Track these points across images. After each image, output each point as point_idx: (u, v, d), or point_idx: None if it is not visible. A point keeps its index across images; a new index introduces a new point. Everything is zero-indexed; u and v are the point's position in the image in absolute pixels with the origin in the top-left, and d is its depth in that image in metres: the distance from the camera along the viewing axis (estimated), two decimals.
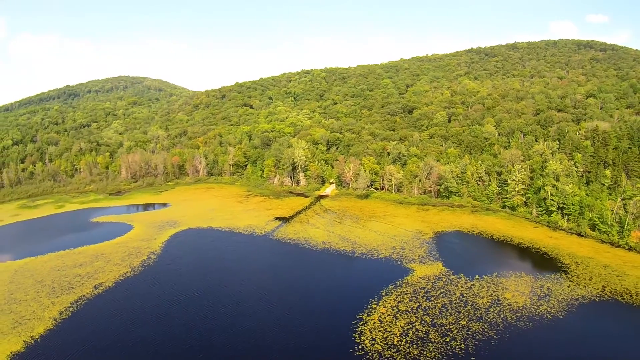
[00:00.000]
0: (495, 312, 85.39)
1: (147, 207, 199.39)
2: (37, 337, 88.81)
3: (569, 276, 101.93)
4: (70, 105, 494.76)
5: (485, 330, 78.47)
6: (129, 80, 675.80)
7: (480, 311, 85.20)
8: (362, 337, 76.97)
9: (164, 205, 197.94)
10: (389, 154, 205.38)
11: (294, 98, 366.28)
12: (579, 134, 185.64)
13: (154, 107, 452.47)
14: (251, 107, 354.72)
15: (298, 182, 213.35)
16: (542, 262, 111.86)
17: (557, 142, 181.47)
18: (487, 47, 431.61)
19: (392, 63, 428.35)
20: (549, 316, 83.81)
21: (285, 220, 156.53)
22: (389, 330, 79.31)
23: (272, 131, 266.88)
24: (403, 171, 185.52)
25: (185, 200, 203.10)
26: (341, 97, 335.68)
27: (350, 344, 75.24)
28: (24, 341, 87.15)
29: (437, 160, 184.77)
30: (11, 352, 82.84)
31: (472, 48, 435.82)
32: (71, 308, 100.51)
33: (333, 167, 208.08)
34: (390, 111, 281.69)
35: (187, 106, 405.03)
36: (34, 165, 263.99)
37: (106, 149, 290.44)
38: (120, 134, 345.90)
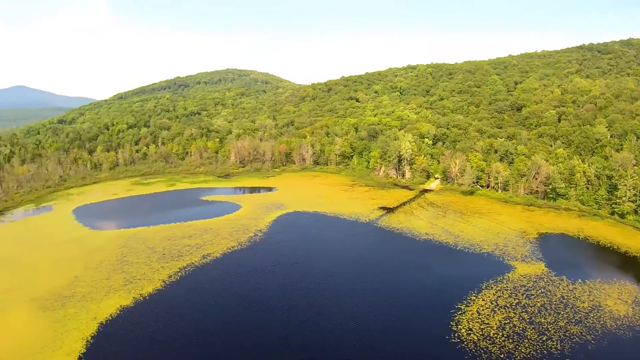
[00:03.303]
0: (595, 317, 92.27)
1: (254, 190, 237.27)
2: (146, 295, 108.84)
3: None
4: (181, 95, 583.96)
5: (583, 334, 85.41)
6: (236, 72, 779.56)
7: (580, 315, 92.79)
8: (459, 326, 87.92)
9: (271, 189, 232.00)
10: (496, 151, 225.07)
11: (400, 93, 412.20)
12: None
13: (261, 98, 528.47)
14: (357, 100, 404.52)
15: (403, 175, 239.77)
16: None
17: None
18: (599, 44, 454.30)
19: (500, 59, 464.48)
20: None
21: (389, 210, 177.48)
22: (486, 322, 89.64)
23: (378, 124, 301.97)
24: (510, 169, 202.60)
25: (292, 186, 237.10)
26: (448, 93, 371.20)
27: (447, 331, 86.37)
28: (133, 297, 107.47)
29: (546, 160, 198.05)
30: (121, 306, 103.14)
31: (583, 44, 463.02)
32: (179, 273, 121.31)
33: (439, 162, 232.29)
34: (498, 108, 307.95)
35: (294, 98, 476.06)
36: (148, 147, 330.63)
37: (216, 135, 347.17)
38: (229, 122, 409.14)
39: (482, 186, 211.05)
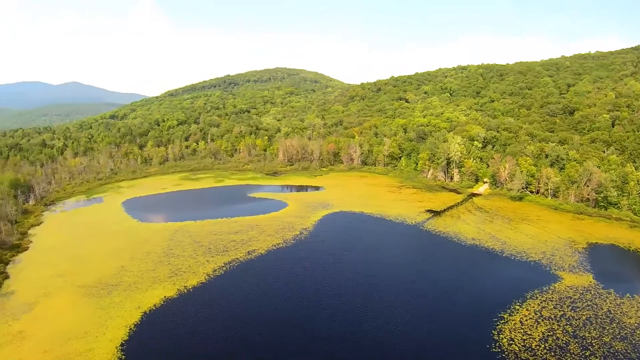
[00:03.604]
0: None
1: (301, 188, 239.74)
2: (190, 287, 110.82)
3: None
4: (230, 93, 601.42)
5: (629, 351, 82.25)
6: (285, 71, 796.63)
7: (626, 331, 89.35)
8: (501, 336, 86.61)
9: (318, 188, 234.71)
10: (546, 156, 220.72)
11: (450, 94, 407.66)
12: None
13: (310, 97, 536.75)
14: (406, 101, 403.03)
15: (451, 178, 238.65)
16: None
17: None
18: None
19: (552, 60, 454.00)
20: None
21: (436, 213, 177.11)
22: (529, 333, 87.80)
23: (427, 125, 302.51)
24: (560, 175, 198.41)
25: (339, 186, 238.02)
26: (498, 94, 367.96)
27: (488, 340, 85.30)
28: (178, 289, 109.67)
29: (598, 167, 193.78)
30: (165, 297, 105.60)
31: (639, 46, 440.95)
32: (224, 267, 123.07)
33: (488, 166, 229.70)
34: (549, 111, 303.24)
35: (342, 97, 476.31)
36: (197, 144, 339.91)
37: (265, 133, 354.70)
38: (278, 120, 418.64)
39: (531, 192, 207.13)
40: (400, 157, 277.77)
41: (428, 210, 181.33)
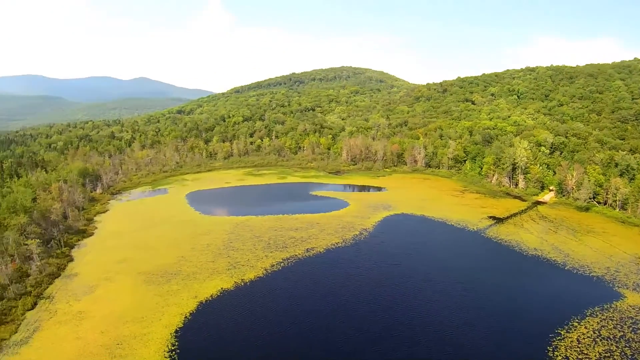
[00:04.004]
0: None
1: (363, 188, 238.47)
2: (247, 280, 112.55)
3: None
4: (296, 91, 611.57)
5: None
6: (351, 70, 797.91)
7: None
8: (556, 353, 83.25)
9: (380, 189, 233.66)
10: (616, 165, 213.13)
11: (517, 96, 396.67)
12: None
13: (375, 97, 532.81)
14: (473, 102, 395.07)
15: (516, 184, 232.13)
16: None
17: None
18: None
19: (624, 63, 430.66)
20: None
21: (498, 220, 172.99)
22: (585, 353, 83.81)
23: (493, 128, 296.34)
24: (630, 186, 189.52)
25: (401, 187, 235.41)
26: (568, 98, 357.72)
27: (543, 356, 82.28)
28: (235, 282, 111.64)
29: None
30: (222, 288, 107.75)
31: None
32: (282, 263, 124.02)
33: (555, 173, 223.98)
34: (621, 117, 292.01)
35: (408, 98, 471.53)
36: (262, 140, 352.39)
37: (329, 132, 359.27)
38: (342, 119, 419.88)
39: (598, 202, 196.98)
40: (464, 161, 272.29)
41: (491, 217, 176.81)
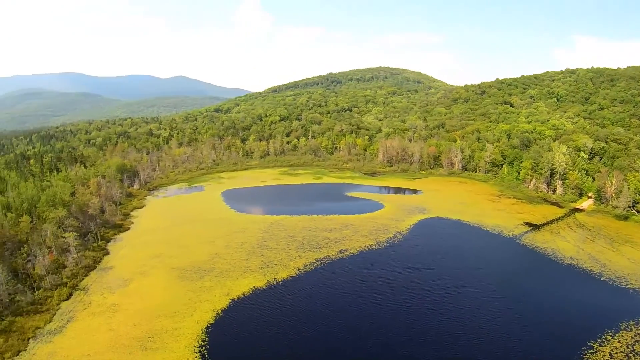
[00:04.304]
0: None
1: (399, 190, 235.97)
2: (280, 280, 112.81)
3: None
4: (333, 91, 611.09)
5: None
6: (388, 71, 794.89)
7: None
8: None
9: (415, 191, 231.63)
10: None
11: (557, 99, 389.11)
12: None
13: (412, 98, 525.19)
14: (511, 105, 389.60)
15: (554, 190, 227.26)
16: None
17: None
18: None
19: None
20: None
21: (535, 227, 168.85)
22: None
23: (532, 132, 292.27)
24: None
25: (437, 190, 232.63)
26: (608, 101, 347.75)
27: None
28: (267, 280, 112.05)
29: None
30: (254, 286, 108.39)
31: None
32: (315, 264, 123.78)
33: (594, 179, 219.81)
34: None
35: (445, 99, 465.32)
36: (298, 140, 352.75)
37: (365, 133, 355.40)
38: (379, 120, 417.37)
39: (638, 211, 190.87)
40: (502, 165, 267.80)
41: (527, 223, 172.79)
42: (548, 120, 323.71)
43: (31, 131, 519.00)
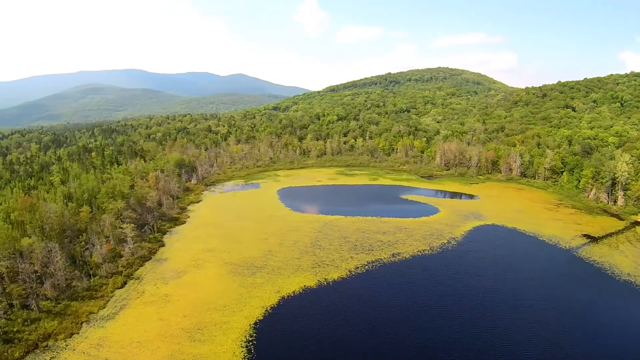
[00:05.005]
0: None
1: (455, 195, 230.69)
2: (330, 280, 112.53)
3: None
4: (391, 91, 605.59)
5: None
6: (447, 71, 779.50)
7: None
8: None
9: (472, 197, 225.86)
10: None
11: (621, 104, 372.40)
12: None
13: (471, 100, 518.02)
14: (573, 109, 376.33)
15: (615, 201, 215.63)
16: None
17: None
18: None
19: None
20: None
21: (593, 239, 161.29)
22: None
23: (594, 139, 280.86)
24: None
25: (494, 197, 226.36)
26: None
27: None
28: (318, 280, 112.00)
29: None
30: (304, 285, 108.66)
31: None
32: (367, 266, 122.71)
33: None
34: None
35: (505, 102, 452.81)
36: (355, 140, 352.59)
37: (423, 135, 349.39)
38: (437, 122, 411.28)
39: None
40: (561, 172, 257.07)
41: (584, 235, 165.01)
42: (611, 127, 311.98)
43: (93, 125, 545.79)
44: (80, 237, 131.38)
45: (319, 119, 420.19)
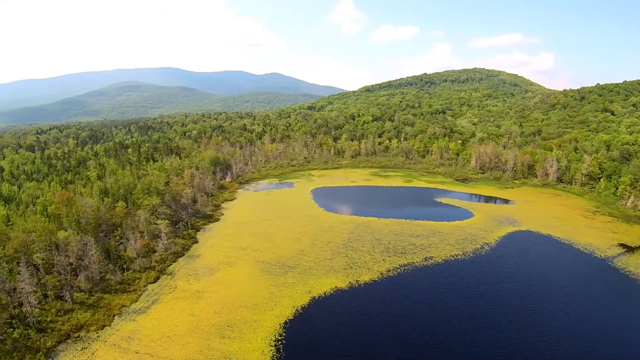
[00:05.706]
0: None
1: (489, 199, 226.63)
2: (362, 282, 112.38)
3: None
4: (427, 92, 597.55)
5: None
6: (484, 72, 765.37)
7: None
8: None
9: (507, 201, 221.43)
10: None
11: None
12: None
13: (508, 101, 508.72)
14: (612, 113, 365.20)
15: None
16: None
17: None
18: None
19: None
20: None
21: (629, 249, 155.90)
22: None
23: (633, 144, 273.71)
24: None
25: (529, 202, 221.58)
26: None
27: None
28: (349, 282, 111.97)
29: None
30: (336, 287, 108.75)
31: None
32: (399, 269, 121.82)
33: None
34: None
35: (543, 104, 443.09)
36: (390, 141, 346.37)
37: (458, 137, 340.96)
38: (473, 124, 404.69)
39: None
40: (599, 178, 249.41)
41: (621, 245, 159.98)
42: None
43: (130, 121, 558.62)
44: (115, 231, 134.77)
45: (353, 119, 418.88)
